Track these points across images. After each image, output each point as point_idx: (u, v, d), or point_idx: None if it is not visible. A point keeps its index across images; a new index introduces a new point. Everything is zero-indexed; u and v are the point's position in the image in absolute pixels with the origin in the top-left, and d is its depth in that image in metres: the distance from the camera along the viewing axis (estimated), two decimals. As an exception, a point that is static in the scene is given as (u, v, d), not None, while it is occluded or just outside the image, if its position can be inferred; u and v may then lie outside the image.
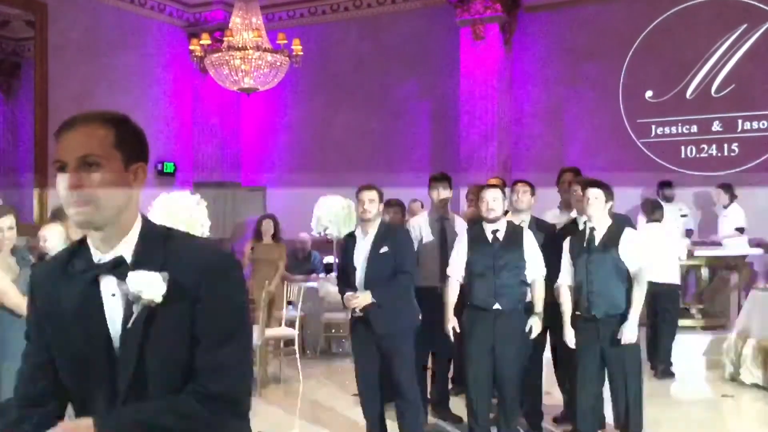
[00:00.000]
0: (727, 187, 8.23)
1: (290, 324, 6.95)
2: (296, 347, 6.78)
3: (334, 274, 7.92)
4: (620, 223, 4.62)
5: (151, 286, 1.50)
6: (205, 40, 8.52)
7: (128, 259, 1.56)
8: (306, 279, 7.94)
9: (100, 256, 1.58)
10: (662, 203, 7.33)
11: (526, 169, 9.88)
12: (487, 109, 9.80)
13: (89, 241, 1.61)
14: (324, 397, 6.19)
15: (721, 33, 8.98)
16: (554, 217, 5.29)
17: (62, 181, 1.53)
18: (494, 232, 4.49)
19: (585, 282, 4.42)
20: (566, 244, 4.59)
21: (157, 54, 10.92)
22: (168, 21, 11.10)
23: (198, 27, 10.90)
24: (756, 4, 8.84)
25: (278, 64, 8.25)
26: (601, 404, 4.78)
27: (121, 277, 1.54)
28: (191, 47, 8.68)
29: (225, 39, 8.39)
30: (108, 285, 1.57)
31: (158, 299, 1.51)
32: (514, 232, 4.54)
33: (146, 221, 1.63)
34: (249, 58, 8.00)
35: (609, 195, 4.50)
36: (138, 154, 1.59)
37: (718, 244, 8.07)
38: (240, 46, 8.13)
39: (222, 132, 11.41)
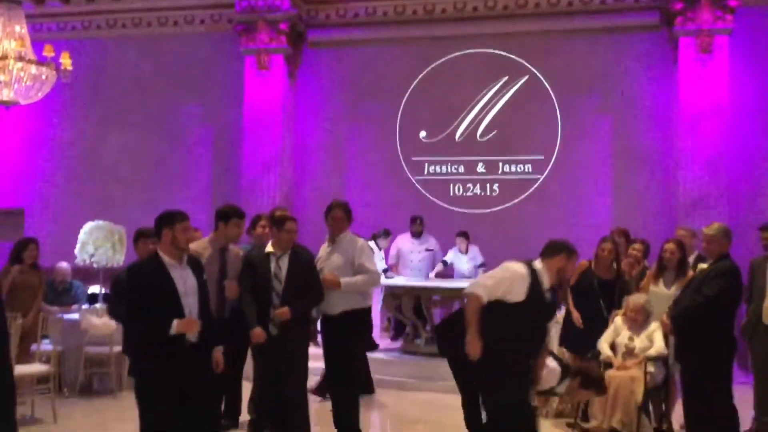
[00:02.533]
0: (465, 235, 9.02)
1: (46, 360, 6.38)
2: (51, 385, 6.19)
3: (98, 305, 7.39)
4: None
5: None
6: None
7: None
8: (66, 310, 7.32)
9: None
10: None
11: (307, 199, 10.03)
12: (270, 139, 9.82)
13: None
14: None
15: (485, 83, 9.81)
16: (323, 250, 5.36)
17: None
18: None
19: None
20: None
21: None
22: None
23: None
24: (516, 59, 9.78)
25: (43, 77, 7.61)
26: None
27: None
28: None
29: (-18, 46, 7.58)
30: None
31: None
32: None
33: None
34: (9, 68, 7.30)
35: None
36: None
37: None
38: (-1, 55, 7.40)
39: (-25, 147, 10.28)
